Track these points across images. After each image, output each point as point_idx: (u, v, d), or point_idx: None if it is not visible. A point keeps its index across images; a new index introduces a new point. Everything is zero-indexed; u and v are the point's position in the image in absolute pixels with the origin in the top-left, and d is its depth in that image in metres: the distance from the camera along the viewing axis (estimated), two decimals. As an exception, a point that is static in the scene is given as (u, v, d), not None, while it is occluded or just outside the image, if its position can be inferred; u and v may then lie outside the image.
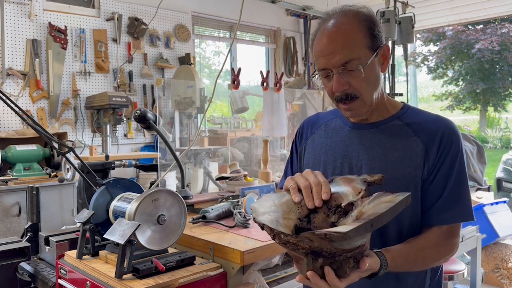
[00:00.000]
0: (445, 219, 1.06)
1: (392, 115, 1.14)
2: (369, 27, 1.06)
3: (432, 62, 16.26)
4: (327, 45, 1.05)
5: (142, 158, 4.18)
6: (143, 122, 1.73)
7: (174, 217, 1.45)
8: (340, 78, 1.05)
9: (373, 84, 1.08)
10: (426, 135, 1.08)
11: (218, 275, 1.45)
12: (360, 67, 1.03)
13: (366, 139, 1.13)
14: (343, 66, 1.03)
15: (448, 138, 1.07)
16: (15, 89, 3.85)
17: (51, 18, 4.07)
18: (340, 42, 1.04)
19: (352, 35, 1.04)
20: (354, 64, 1.03)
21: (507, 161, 5.82)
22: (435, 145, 1.07)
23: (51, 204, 3.20)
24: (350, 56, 1.03)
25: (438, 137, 1.07)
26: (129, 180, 1.68)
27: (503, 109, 16.09)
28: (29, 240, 1.92)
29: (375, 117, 1.14)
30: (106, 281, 1.38)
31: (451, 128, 1.09)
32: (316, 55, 1.08)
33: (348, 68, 1.04)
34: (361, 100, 1.08)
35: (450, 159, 1.07)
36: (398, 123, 1.12)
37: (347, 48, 1.03)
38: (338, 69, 1.04)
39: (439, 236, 1.06)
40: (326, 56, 1.05)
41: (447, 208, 1.06)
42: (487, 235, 3.51)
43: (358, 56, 1.04)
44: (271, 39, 6.19)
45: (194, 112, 4.62)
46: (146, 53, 4.68)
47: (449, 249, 1.07)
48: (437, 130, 1.08)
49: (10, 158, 3.32)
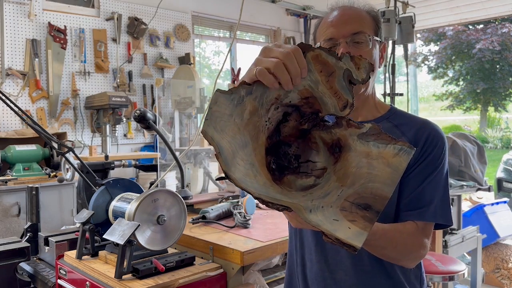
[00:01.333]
0: (413, 215, 1.05)
1: (380, 115, 1.15)
2: (375, 18, 1.12)
3: (432, 62, 16.26)
4: (339, 16, 1.09)
5: (142, 158, 4.18)
6: (142, 122, 1.72)
7: (174, 218, 1.44)
8: (347, 47, 1.07)
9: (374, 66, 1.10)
10: (413, 134, 1.09)
11: (218, 276, 1.45)
12: (369, 38, 1.07)
13: None
14: (352, 36, 1.06)
15: (433, 139, 1.08)
16: (14, 89, 3.85)
17: (51, 18, 4.07)
18: (352, 15, 1.09)
19: (364, 14, 1.10)
20: (363, 36, 1.07)
21: (508, 161, 5.81)
22: (420, 143, 1.07)
23: (50, 204, 3.20)
24: (360, 28, 1.07)
25: (425, 136, 1.08)
26: (129, 180, 1.68)
27: (503, 109, 16.08)
28: (28, 240, 1.92)
29: (364, 114, 1.14)
30: (105, 282, 1.37)
31: (438, 132, 1.10)
32: (324, 26, 1.10)
33: (356, 39, 1.07)
34: None
35: (431, 158, 1.07)
36: (387, 124, 1.12)
37: (358, 22, 1.08)
38: (346, 39, 1.07)
39: (415, 229, 1.04)
40: (337, 26, 1.08)
41: (418, 205, 1.05)
42: (488, 236, 3.51)
43: (366, 31, 1.08)
44: (271, 39, 6.19)
45: (194, 112, 4.62)
46: (145, 53, 4.68)
47: (419, 245, 1.04)
48: (424, 130, 1.09)
49: (10, 158, 3.32)
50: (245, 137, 0.74)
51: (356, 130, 0.78)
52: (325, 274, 1.11)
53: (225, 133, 0.71)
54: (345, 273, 1.09)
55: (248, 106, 0.74)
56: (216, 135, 0.70)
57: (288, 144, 0.79)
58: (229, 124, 0.72)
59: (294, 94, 0.78)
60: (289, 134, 0.81)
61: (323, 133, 0.82)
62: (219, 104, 0.72)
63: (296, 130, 0.82)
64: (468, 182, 3.96)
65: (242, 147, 0.73)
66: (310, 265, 1.14)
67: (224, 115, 0.72)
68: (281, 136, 0.81)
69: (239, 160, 0.72)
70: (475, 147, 3.88)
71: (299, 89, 0.78)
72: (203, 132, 0.70)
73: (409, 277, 1.12)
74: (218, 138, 0.70)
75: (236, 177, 0.70)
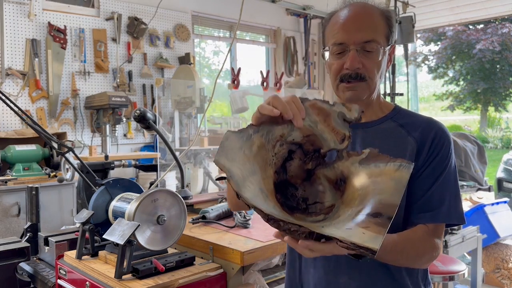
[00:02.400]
0: (425, 218, 1.05)
1: (384, 115, 1.14)
2: (388, 19, 1.09)
3: (432, 62, 16.26)
4: (352, 20, 1.05)
5: (142, 158, 4.18)
6: (142, 122, 1.72)
7: (174, 218, 1.44)
8: (357, 56, 1.04)
9: (381, 73, 1.09)
10: (419, 134, 1.08)
11: (218, 276, 1.45)
12: (380, 49, 1.05)
13: (359, 139, 1.12)
14: (363, 44, 1.04)
15: (440, 139, 1.07)
16: (14, 89, 3.85)
17: (51, 18, 4.06)
18: (366, 21, 1.05)
19: (377, 19, 1.07)
20: (374, 46, 1.04)
21: (508, 161, 5.81)
22: (427, 144, 1.07)
23: (50, 204, 3.19)
24: (373, 36, 1.04)
25: (431, 137, 1.07)
26: (129, 180, 1.67)
27: (503, 109, 16.08)
28: (28, 240, 1.92)
29: (368, 116, 1.13)
30: (105, 282, 1.37)
31: (444, 130, 1.09)
32: (336, 28, 1.07)
33: (367, 48, 1.04)
34: (367, 83, 1.07)
35: (439, 159, 1.06)
36: (392, 124, 1.12)
37: (371, 29, 1.05)
38: (357, 46, 1.04)
39: (426, 233, 1.05)
40: (349, 31, 1.05)
41: (429, 207, 1.05)
42: (488, 236, 3.50)
43: (379, 40, 1.05)
44: (271, 38, 6.18)
45: (194, 112, 4.62)
46: (145, 53, 4.68)
47: (431, 248, 1.04)
48: (430, 130, 1.08)
49: (10, 158, 3.32)
50: (254, 166, 0.81)
51: (356, 158, 0.86)
52: (329, 278, 1.10)
53: (236, 162, 0.79)
54: (349, 277, 1.09)
55: (256, 141, 0.83)
56: (228, 163, 0.77)
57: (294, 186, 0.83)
58: (239, 155, 0.80)
59: (296, 132, 0.87)
60: (295, 175, 0.87)
61: (327, 171, 0.88)
62: (230, 140, 0.81)
63: (301, 171, 0.88)
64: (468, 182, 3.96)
65: (251, 174, 0.80)
66: (314, 271, 1.13)
67: (234, 148, 0.80)
68: (287, 175, 0.87)
69: (249, 184, 0.78)
70: (475, 147, 3.88)
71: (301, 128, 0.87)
72: (215, 161, 0.77)
73: (414, 279, 1.12)
74: (229, 165, 0.77)
75: (247, 196, 0.75)
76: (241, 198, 0.74)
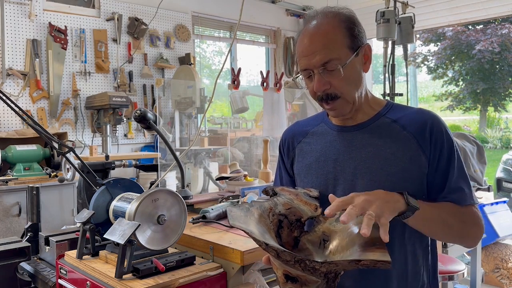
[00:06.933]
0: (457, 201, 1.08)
1: (377, 113, 1.15)
2: (349, 27, 1.08)
3: (432, 62, 16.25)
4: (307, 46, 1.07)
5: (142, 158, 4.19)
6: (143, 122, 1.73)
7: (174, 217, 1.45)
8: (321, 78, 1.06)
9: (354, 84, 1.09)
10: (414, 128, 1.09)
11: (218, 275, 1.46)
12: (340, 66, 1.05)
13: (356, 140, 1.13)
14: (323, 66, 1.05)
15: (437, 128, 1.09)
16: (15, 89, 3.85)
17: (51, 18, 4.07)
18: (320, 42, 1.05)
19: (332, 35, 1.06)
20: (334, 64, 1.05)
21: (507, 161, 5.81)
22: (426, 137, 1.08)
23: (51, 204, 3.20)
24: (329, 56, 1.05)
25: (428, 128, 1.08)
26: (129, 180, 1.68)
27: (503, 109, 16.08)
28: (29, 240, 1.92)
29: (360, 117, 1.15)
30: (106, 281, 1.38)
31: (436, 118, 1.11)
32: (298, 56, 1.10)
33: (328, 68, 1.05)
34: (342, 99, 1.09)
35: (446, 148, 1.08)
36: (386, 120, 1.13)
37: (327, 48, 1.05)
38: (319, 69, 1.06)
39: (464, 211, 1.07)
40: (307, 57, 1.07)
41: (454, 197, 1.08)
42: (487, 235, 3.51)
43: (338, 56, 1.05)
44: (271, 39, 6.19)
45: (194, 112, 4.62)
46: (146, 53, 4.68)
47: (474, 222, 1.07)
48: (424, 121, 1.09)
49: (10, 158, 3.32)
50: (263, 228, 0.96)
51: (332, 219, 1.01)
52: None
53: (249, 224, 0.92)
54: (354, 280, 1.10)
55: (255, 212, 0.99)
56: (244, 226, 0.90)
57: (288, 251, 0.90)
58: (248, 220, 0.95)
59: (280, 206, 1.06)
60: (286, 242, 1.03)
61: (310, 236, 1.04)
62: (234, 212, 0.96)
63: (291, 238, 1.04)
64: (467, 182, 3.95)
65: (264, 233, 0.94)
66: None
67: (241, 216, 0.95)
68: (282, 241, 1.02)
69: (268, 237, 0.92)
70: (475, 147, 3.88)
71: (282, 203, 1.07)
72: (232, 224, 0.90)
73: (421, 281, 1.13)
74: (245, 226, 0.89)
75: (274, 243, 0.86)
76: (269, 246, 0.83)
